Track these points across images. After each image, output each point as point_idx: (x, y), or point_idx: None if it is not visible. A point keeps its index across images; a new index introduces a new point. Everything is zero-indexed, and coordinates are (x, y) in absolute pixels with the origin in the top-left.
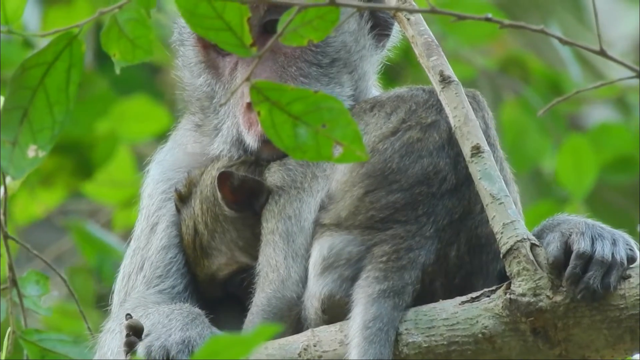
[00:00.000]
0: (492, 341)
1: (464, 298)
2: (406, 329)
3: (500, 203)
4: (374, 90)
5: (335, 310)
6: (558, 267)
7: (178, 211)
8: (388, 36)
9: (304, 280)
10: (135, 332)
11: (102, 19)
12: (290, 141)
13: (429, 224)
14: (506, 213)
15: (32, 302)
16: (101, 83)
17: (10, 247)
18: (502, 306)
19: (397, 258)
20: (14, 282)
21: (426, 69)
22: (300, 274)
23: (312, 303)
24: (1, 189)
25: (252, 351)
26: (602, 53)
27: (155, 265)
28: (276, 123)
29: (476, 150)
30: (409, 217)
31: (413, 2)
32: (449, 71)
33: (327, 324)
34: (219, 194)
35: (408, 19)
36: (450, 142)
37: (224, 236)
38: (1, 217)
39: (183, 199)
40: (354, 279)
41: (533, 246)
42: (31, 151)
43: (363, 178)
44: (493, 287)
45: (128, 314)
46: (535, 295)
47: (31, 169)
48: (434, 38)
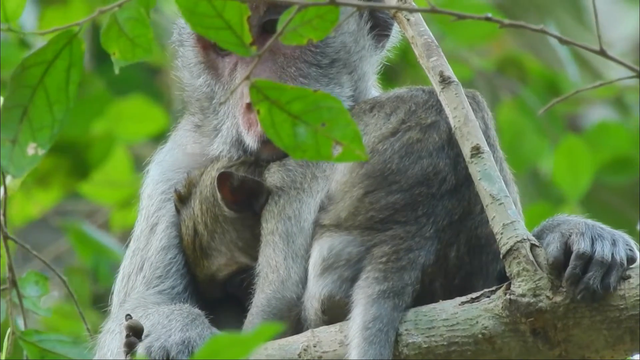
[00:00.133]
0: (492, 342)
1: (464, 298)
2: (406, 330)
3: (500, 203)
4: (374, 90)
5: (335, 310)
6: (558, 268)
7: (178, 212)
8: (388, 37)
9: (304, 281)
10: (135, 333)
11: (99, 21)
12: (289, 140)
13: (429, 225)
14: (506, 213)
15: (32, 303)
16: (98, 83)
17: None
18: (502, 307)
19: (397, 259)
20: (14, 283)
21: (426, 70)
22: (300, 275)
23: (312, 304)
24: (1, 190)
25: (252, 351)
26: (602, 53)
27: (155, 265)
28: (275, 122)
29: (476, 150)
30: (409, 218)
31: (413, 3)
32: (449, 72)
33: (327, 325)
34: (219, 195)
35: (408, 20)
36: (450, 143)
37: (224, 237)
38: (1, 218)
39: (183, 200)
40: (354, 280)
41: (533, 247)
42: (31, 149)
43: (363, 179)
44: (493, 288)
45: (128, 315)
46: (535, 295)
47: (31, 167)
48: (434, 39)
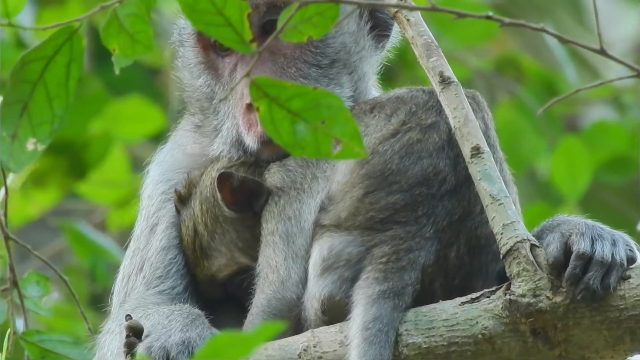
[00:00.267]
0: (492, 342)
1: (464, 299)
2: (406, 330)
3: (500, 204)
4: (374, 91)
5: (335, 311)
6: (558, 268)
7: (178, 212)
8: (387, 37)
9: (304, 281)
10: (135, 333)
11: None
12: (289, 137)
13: (429, 225)
14: (506, 214)
15: (33, 303)
16: (95, 83)
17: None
18: (502, 307)
19: (397, 259)
20: (15, 283)
21: (426, 70)
22: (300, 275)
23: (312, 304)
24: (1, 191)
25: (252, 351)
26: (602, 52)
27: (155, 266)
28: (275, 119)
29: (476, 151)
30: (409, 218)
31: (412, 2)
32: (449, 72)
33: (327, 325)
34: (219, 195)
35: (408, 20)
36: (450, 143)
37: (224, 237)
38: (1, 218)
39: (183, 200)
40: (354, 280)
41: (533, 247)
42: (30, 144)
43: (363, 179)
44: (493, 288)
45: (128, 315)
46: (535, 296)
47: (30, 163)
48: (434, 39)
